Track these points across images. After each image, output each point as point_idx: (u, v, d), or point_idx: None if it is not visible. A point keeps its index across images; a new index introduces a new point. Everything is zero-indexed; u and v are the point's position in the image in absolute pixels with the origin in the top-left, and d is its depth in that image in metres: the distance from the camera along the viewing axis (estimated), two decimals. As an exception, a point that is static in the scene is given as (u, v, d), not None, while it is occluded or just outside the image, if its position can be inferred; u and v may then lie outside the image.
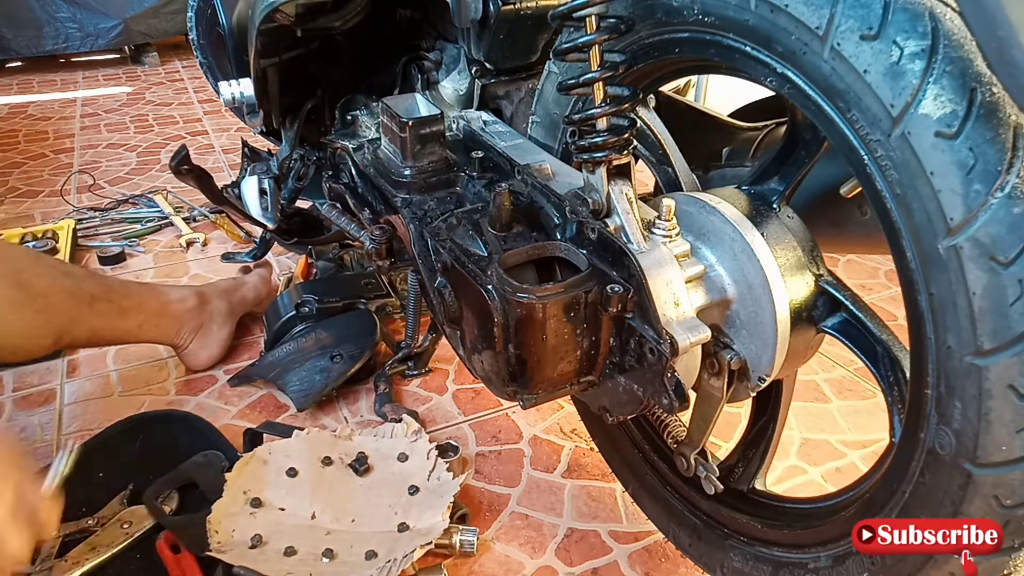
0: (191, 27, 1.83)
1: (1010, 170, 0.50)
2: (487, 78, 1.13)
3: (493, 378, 0.80)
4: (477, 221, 0.83)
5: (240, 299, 1.51)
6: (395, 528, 1.01)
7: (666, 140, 0.86)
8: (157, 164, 2.50)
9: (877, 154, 0.56)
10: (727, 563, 0.87)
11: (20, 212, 2.15)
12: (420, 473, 1.09)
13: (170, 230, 2.01)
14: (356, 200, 1.13)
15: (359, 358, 1.33)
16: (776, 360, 0.72)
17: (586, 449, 1.21)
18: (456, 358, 1.41)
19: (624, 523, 1.08)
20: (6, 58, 3.68)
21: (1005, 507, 0.56)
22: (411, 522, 1.01)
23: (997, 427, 0.54)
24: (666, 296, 0.70)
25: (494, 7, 1.00)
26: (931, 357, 0.57)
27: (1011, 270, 0.51)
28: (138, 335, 1.34)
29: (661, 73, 0.85)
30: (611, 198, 0.74)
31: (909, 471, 0.63)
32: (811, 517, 0.79)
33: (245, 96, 1.42)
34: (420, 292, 1.23)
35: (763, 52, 0.64)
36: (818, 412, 1.32)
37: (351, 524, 1.02)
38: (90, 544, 0.98)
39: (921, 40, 0.52)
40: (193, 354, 1.42)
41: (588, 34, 0.69)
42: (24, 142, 2.76)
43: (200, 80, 3.49)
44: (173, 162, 1.42)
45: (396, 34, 1.29)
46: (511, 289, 0.71)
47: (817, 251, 0.74)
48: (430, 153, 0.97)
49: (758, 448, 0.87)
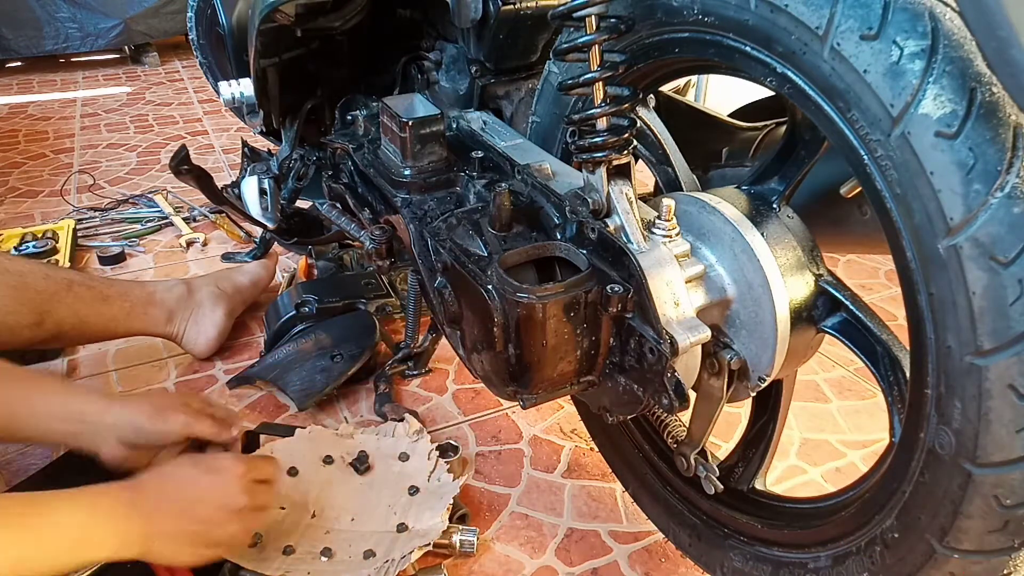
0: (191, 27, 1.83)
1: (1010, 170, 0.50)
2: (487, 78, 1.13)
3: (493, 378, 0.80)
4: (477, 221, 0.83)
5: (232, 284, 1.50)
6: (394, 528, 1.01)
7: (666, 140, 0.86)
8: (157, 164, 2.50)
9: (877, 154, 0.56)
10: (727, 563, 0.87)
11: (20, 212, 2.15)
12: (420, 474, 1.09)
13: (170, 230, 2.01)
14: (356, 200, 1.13)
15: (359, 358, 1.33)
16: (776, 360, 0.72)
17: (586, 449, 1.21)
18: (456, 358, 1.41)
19: (624, 523, 1.08)
20: (6, 58, 3.68)
21: (1005, 507, 0.56)
22: (410, 523, 1.01)
23: (997, 427, 0.54)
24: (666, 296, 0.70)
25: (494, 7, 1.00)
26: (931, 357, 0.57)
27: (1011, 270, 0.51)
28: (127, 324, 1.34)
29: (661, 73, 0.85)
30: (611, 198, 0.74)
31: (909, 471, 0.63)
32: (811, 517, 0.79)
33: (245, 96, 1.42)
34: (420, 292, 1.23)
35: (763, 52, 0.64)
36: (818, 412, 1.32)
37: (350, 523, 1.02)
38: None
39: (921, 40, 0.52)
40: (192, 341, 1.42)
41: (588, 34, 0.69)
42: (24, 142, 2.76)
43: (200, 80, 3.49)
44: (173, 162, 1.42)
45: (396, 34, 1.29)
46: (511, 289, 0.71)
47: (817, 251, 0.74)
48: (430, 153, 0.97)
49: (758, 448, 0.87)
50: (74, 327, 1.28)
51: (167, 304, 1.39)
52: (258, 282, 1.57)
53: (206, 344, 1.43)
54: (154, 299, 1.37)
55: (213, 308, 1.44)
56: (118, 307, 1.32)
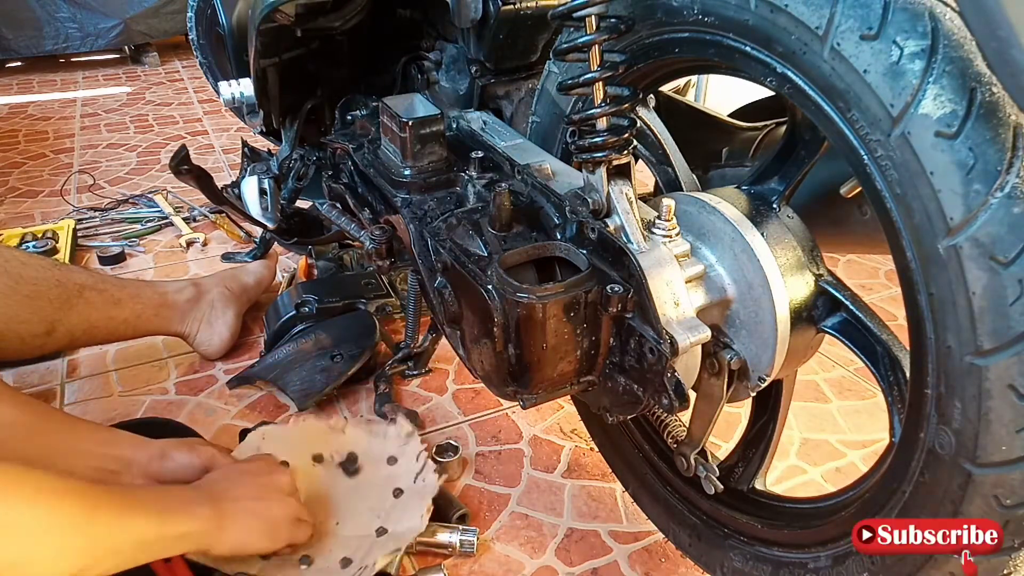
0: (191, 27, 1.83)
1: (1010, 170, 0.50)
2: (487, 78, 1.13)
3: (493, 378, 0.80)
4: (477, 221, 0.83)
5: (239, 284, 1.51)
6: (373, 532, 1.00)
7: (666, 140, 0.86)
8: (157, 164, 2.50)
9: (877, 154, 0.56)
10: (727, 563, 0.87)
11: (20, 212, 2.15)
12: (407, 476, 1.08)
13: (170, 230, 2.01)
14: (356, 200, 1.13)
15: (359, 358, 1.33)
16: (776, 360, 0.72)
17: (586, 449, 1.21)
18: (456, 358, 1.41)
19: (624, 523, 1.08)
20: (6, 58, 3.68)
21: (1005, 507, 0.56)
22: (390, 526, 1.00)
23: (997, 427, 0.54)
24: (666, 296, 0.70)
25: (494, 7, 1.00)
26: (931, 357, 0.57)
27: (1011, 270, 0.51)
28: (137, 326, 1.34)
29: (661, 73, 0.85)
30: (611, 198, 0.74)
31: (909, 471, 0.63)
32: (811, 517, 0.79)
33: (245, 96, 1.42)
34: (420, 292, 1.23)
35: (763, 52, 0.64)
36: (818, 412, 1.32)
37: (334, 527, 1.01)
38: None
39: (921, 40, 0.52)
40: (205, 342, 1.43)
41: (588, 34, 0.69)
42: (24, 142, 2.76)
43: (200, 80, 3.49)
44: (173, 162, 1.42)
45: (396, 34, 1.29)
46: (511, 289, 0.71)
47: (817, 251, 0.74)
48: (430, 153, 0.97)
49: (758, 448, 0.87)
50: (85, 332, 1.28)
51: (179, 306, 1.40)
52: (261, 282, 1.58)
53: (220, 345, 1.44)
54: (166, 300, 1.38)
55: (224, 309, 1.45)
56: (129, 310, 1.32)
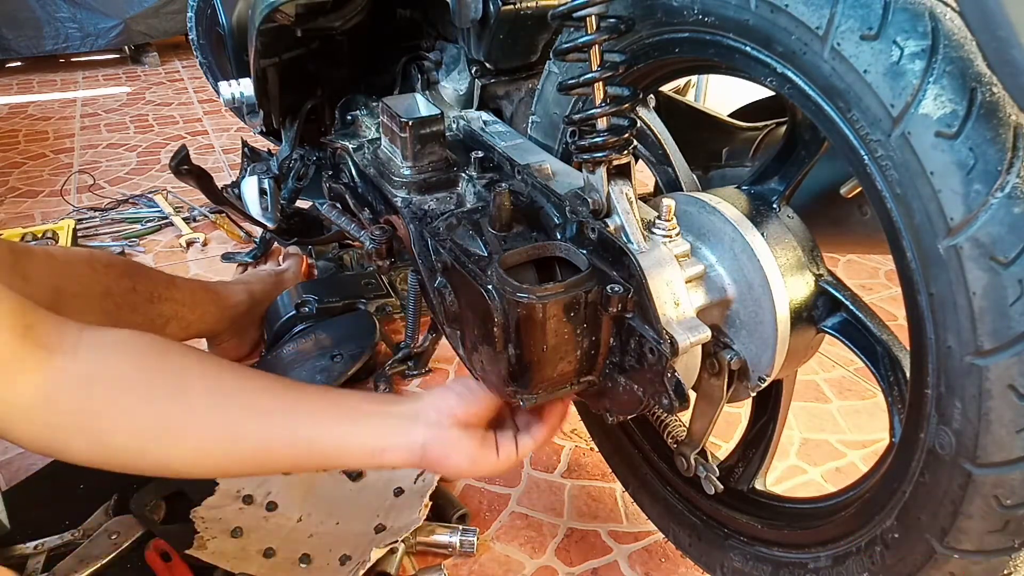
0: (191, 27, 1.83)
1: (1010, 170, 0.50)
2: (487, 78, 1.13)
3: (493, 378, 0.80)
4: (477, 221, 0.83)
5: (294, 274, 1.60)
6: (372, 530, 1.00)
7: (666, 140, 0.86)
8: (157, 164, 2.50)
9: (877, 154, 0.56)
10: (727, 563, 0.87)
11: (20, 212, 2.15)
12: (407, 476, 1.09)
13: (170, 230, 2.01)
14: (356, 200, 1.13)
15: (359, 358, 1.33)
16: (776, 360, 0.72)
17: (586, 449, 1.21)
18: (456, 358, 1.41)
19: (624, 523, 1.08)
20: (6, 58, 3.68)
21: (1005, 507, 0.56)
22: (388, 523, 1.01)
23: (997, 427, 0.54)
24: (666, 296, 0.70)
25: (494, 7, 1.00)
26: (931, 357, 0.57)
27: (1011, 270, 0.51)
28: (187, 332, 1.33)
29: (661, 73, 0.85)
30: (611, 198, 0.74)
31: (909, 471, 0.63)
32: (811, 517, 0.79)
33: (245, 96, 1.42)
34: (420, 292, 1.23)
35: (763, 52, 0.64)
36: (818, 412, 1.32)
37: (335, 527, 1.01)
38: (77, 557, 0.96)
39: (921, 40, 0.52)
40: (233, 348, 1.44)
41: (588, 34, 0.69)
42: (24, 142, 2.76)
43: (200, 80, 3.49)
44: (173, 162, 1.42)
45: (396, 34, 1.29)
46: (511, 289, 0.71)
47: (817, 251, 0.74)
48: (430, 153, 0.97)
49: (758, 448, 0.87)
50: None
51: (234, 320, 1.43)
52: None
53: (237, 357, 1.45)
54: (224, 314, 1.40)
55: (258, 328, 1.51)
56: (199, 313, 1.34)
